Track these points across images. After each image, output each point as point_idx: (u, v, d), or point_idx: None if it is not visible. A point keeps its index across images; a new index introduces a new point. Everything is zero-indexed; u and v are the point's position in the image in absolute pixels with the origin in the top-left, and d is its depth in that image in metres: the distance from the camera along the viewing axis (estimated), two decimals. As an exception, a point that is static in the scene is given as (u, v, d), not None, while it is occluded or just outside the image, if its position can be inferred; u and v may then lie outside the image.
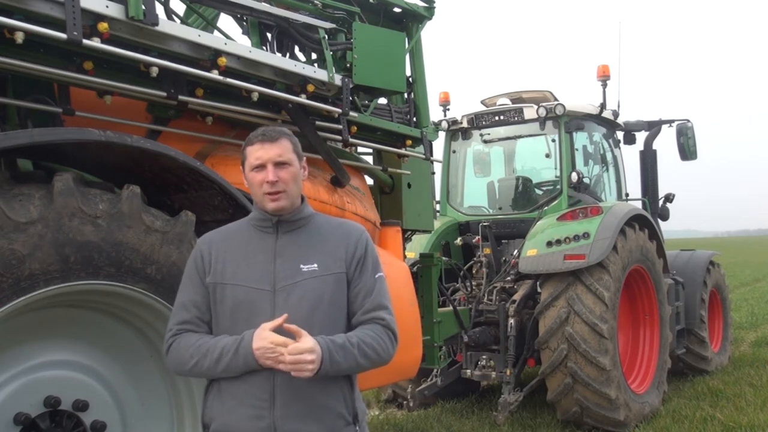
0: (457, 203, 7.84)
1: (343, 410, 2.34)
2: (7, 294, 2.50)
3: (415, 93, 4.96)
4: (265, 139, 2.34)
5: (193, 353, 2.31)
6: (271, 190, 2.31)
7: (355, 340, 2.28)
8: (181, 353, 2.34)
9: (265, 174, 2.31)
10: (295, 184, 2.37)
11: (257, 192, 2.35)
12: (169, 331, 2.40)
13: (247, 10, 3.85)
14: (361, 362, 2.29)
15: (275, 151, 2.33)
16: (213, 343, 2.29)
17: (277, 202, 2.33)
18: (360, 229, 2.51)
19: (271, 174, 2.31)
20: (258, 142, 2.34)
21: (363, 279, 2.40)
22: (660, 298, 6.93)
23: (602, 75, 7.27)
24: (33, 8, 2.76)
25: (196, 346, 2.31)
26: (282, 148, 2.34)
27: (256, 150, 2.34)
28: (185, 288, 2.43)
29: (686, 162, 8.32)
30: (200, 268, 2.39)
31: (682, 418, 6.42)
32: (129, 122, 3.38)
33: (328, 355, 2.20)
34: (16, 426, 2.71)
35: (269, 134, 2.35)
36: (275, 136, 2.35)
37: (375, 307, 2.38)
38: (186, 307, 2.39)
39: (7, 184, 2.62)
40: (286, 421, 2.26)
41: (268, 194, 2.32)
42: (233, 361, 2.24)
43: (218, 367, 2.26)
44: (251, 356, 2.21)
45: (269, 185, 2.31)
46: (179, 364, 2.36)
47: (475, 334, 6.56)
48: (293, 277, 2.32)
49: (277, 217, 2.38)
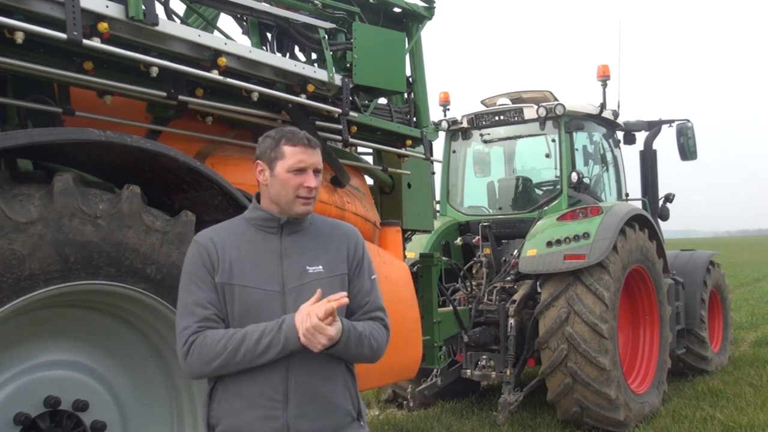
0: (457, 203, 7.84)
1: (349, 407, 2.39)
2: (7, 294, 2.50)
3: (415, 93, 4.96)
4: (309, 145, 2.36)
5: (226, 344, 2.22)
6: (309, 195, 2.35)
7: (367, 332, 2.35)
8: (209, 347, 2.23)
9: (305, 178, 2.34)
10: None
11: (289, 193, 2.34)
12: (185, 329, 2.27)
13: (247, 10, 3.85)
14: (364, 352, 2.35)
15: (317, 158, 2.38)
16: (251, 328, 2.24)
17: (308, 206, 2.38)
18: (355, 230, 2.56)
19: (313, 180, 2.35)
20: (302, 146, 2.35)
21: (361, 280, 2.45)
22: (660, 298, 6.93)
23: (602, 75, 7.27)
24: (33, 8, 2.76)
25: (228, 336, 2.23)
26: (320, 157, 2.40)
27: (299, 153, 2.34)
28: (195, 287, 2.31)
29: (686, 162, 8.33)
30: (209, 266, 2.31)
31: (682, 418, 6.42)
32: (129, 122, 3.38)
33: (345, 341, 2.24)
34: (16, 426, 2.71)
35: (312, 141, 2.39)
36: (316, 144, 2.40)
37: (375, 308, 2.46)
38: (203, 305, 2.28)
39: (7, 184, 2.63)
40: (300, 420, 2.27)
41: (302, 198, 2.35)
42: (275, 337, 2.20)
43: (258, 348, 2.20)
44: (293, 331, 2.18)
45: (307, 190, 2.34)
46: (206, 360, 2.24)
47: (475, 334, 6.56)
48: (301, 279, 2.33)
49: (285, 218, 2.38)
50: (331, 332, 2.18)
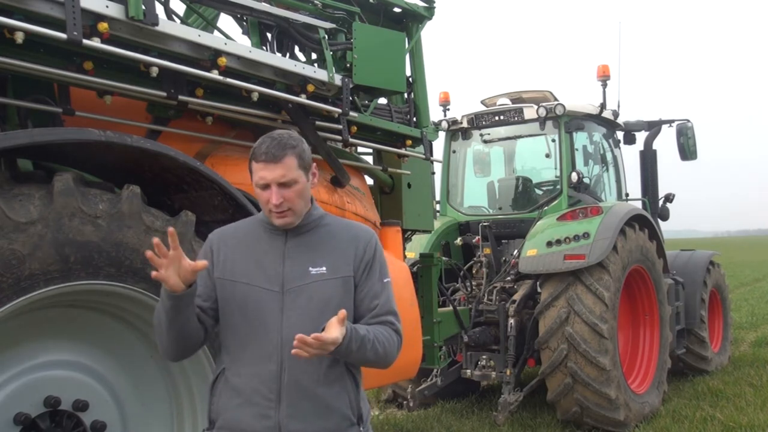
0: (457, 203, 7.84)
1: (347, 411, 2.34)
2: (7, 294, 2.50)
3: (415, 93, 4.96)
4: (269, 159, 2.25)
5: (157, 309, 2.28)
6: (276, 210, 2.29)
7: (372, 336, 2.28)
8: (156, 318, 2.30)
9: (268, 194, 2.27)
10: (302, 199, 2.33)
11: (264, 207, 2.34)
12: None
13: (247, 10, 3.85)
14: (369, 357, 2.29)
15: (278, 173, 2.25)
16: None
17: (284, 219, 2.32)
18: (370, 232, 2.50)
19: (275, 197, 2.26)
20: (263, 161, 2.26)
21: (370, 283, 2.39)
22: (660, 298, 6.93)
23: (602, 75, 7.27)
24: (33, 8, 2.76)
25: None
26: (285, 168, 2.26)
27: (261, 169, 2.27)
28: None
29: (686, 162, 8.33)
30: (209, 261, 2.34)
31: (682, 418, 6.42)
32: (129, 122, 3.38)
33: (346, 343, 2.18)
34: (16, 426, 2.71)
35: (272, 153, 2.24)
36: (279, 155, 2.24)
37: (386, 312, 2.38)
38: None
39: (7, 184, 2.63)
40: (292, 420, 2.26)
41: (275, 212, 2.30)
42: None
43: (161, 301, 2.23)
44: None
45: (274, 206, 2.28)
46: (155, 332, 2.31)
47: (475, 334, 6.56)
48: (301, 279, 2.32)
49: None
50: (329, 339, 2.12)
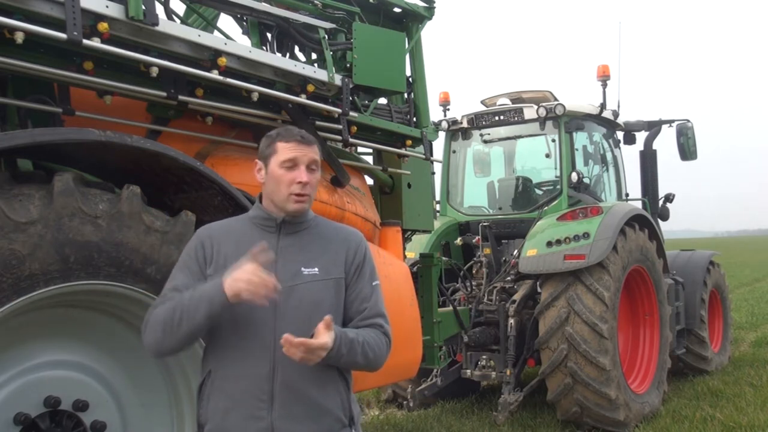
0: (457, 203, 7.84)
1: (339, 412, 2.35)
2: (7, 294, 2.50)
3: (415, 93, 4.96)
4: (303, 141, 2.35)
5: (168, 307, 2.23)
6: (302, 192, 2.32)
7: (361, 339, 2.30)
8: (156, 315, 2.25)
9: (297, 174, 2.31)
10: (315, 190, 2.41)
11: (282, 190, 2.33)
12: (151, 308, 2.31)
13: (247, 10, 3.85)
14: (359, 361, 2.31)
15: (311, 155, 2.35)
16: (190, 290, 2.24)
17: (301, 204, 2.35)
18: (359, 235, 2.53)
19: (305, 175, 2.32)
20: (295, 142, 2.34)
21: (360, 285, 2.41)
22: (660, 298, 6.93)
23: (602, 75, 7.28)
24: (33, 8, 2.76)
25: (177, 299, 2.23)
26: (315, 153, 2.37)
27: (292, 149, 2.33)
28: (181, 275, 2.35)
29: (686, 162, 8.33)
30: (201, 258, 2.35)
31: (682, 418, 6.42)
32: (129, 122, 3.38)
33: (336, 349, 2.20)
34: (16, 426, 2.71)
35: (307, 137, 2.38)
36: (311, 140, 2.38)
37: (374, 314, 2.41)
38: (179, 290, 2.29)
39: (7, 184, 2.63)
40: (285, 421, 2.26)
41: (296, 195, 2.32)
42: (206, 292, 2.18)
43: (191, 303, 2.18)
44: (220, 290, 2.15)
45: (300, 186, 2.31)
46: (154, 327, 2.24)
47: (475, 334, 6.56)
48: (293, 279, 2.32)
49: (282, 217, 2.38)
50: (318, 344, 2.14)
